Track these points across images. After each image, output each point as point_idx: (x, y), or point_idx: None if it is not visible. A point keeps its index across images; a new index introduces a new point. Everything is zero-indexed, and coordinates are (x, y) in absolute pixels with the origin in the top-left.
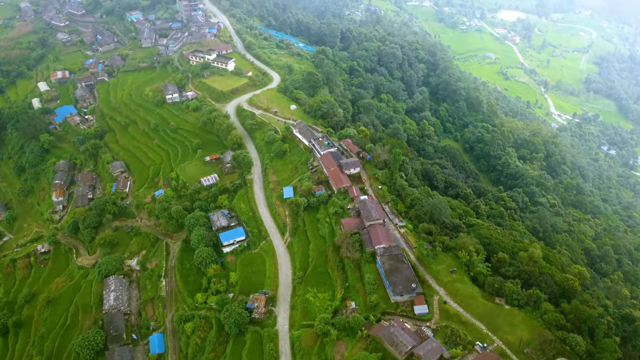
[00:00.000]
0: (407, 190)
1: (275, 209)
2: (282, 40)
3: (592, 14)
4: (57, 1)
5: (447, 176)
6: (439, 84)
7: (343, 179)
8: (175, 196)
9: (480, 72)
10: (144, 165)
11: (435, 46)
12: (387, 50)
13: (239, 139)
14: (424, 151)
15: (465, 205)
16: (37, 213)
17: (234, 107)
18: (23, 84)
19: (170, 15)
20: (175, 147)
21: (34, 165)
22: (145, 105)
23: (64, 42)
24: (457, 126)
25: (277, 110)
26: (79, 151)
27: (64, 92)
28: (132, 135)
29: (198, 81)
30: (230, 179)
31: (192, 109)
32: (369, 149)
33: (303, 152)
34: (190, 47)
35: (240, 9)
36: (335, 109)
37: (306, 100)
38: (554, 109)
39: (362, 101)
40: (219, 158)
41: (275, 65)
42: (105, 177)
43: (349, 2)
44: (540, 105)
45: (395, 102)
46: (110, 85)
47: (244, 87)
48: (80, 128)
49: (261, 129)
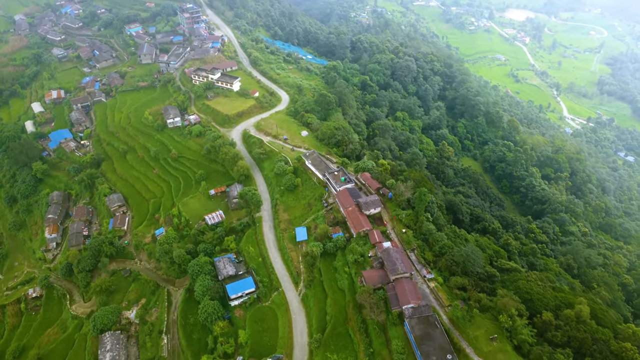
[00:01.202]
0: (435, 236)
1: (288, 254)
2: (290, 54)
3: (602, 13)
4: (54, 13)
5: (472, 207)
6: (456, 98)
7: (363, 221)
8: (177, 236)
9: (490, 74)
10: (144, 199)
11: (451, 57)
12: (401, 63)
13: (246, 170)
14: (444, 174)
15: (494, 242)
16: (29, 250)
17: (240, 133)
18: (16, 104)
19: (171, 28)
20: (177, 177)
21: (26, 196)
22: (145, 130)
23: (59, 58)
24: (476, 143)
25: (287, 137)
26: (74, 181)
27: (59, 114)
28: (131, 164)
29: (201, 103)
30: (237, 215)
31: (195, 135)
32: (390, 185)
33: (317, 187)
34: (193, 64)
35: (245, 19)
36: (350, 136)
37: (318, 126)
38: (567, 113)
39: (377, 122)
40: (225, 191)
41: (283, 84)
42: (102, 210)
43: (354, 4)
44: (553, 109)
45: (411, 120)
46: (107, 106)
47: (251, 109)
48: (75, 155)
49: (270, 158)
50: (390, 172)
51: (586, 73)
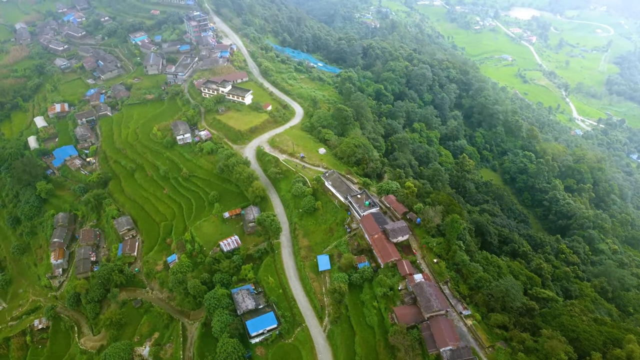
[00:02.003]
0: (469, 267)
1: (310, 284)
2: (301, 63)
3: (608, 10)
4: (56, 21)
5: (499, 228)
6: (473, 106)
7: (391, 250)
8: (191, 264)
9: (497, 75)
10: (154, 221)
11: (466, 63)
12: (416, 71)
13: (262, 191)
14: (465, 189)
15: (526, 267)
16: (34, 276)
17: (253, 150)
18: (18, 117)
19: (177, 36)
20: (188, 198)
21: (30, 217)
22: (153, 147)
23: (62, 69)
24: (495, 154)
25: (304, 155)
26: (80, 201)
27: (63, 129)
28: (139, 183)
29: (212, 118)
30: (253, 240)
31: (206, 152)
32: (418, 210)
33: (338, 210)
34: (202, 75)
35: (254, 26)
36: (370, 153)
37: (337, 143)
38: (577, 114)
39: (395, 136)
40: (240, 214)
41: (296, 95)
42: (109, 233)
43: (358, 4)
44: (562, 111)
45: (428, 131)
46: (113, 121)
47: (264, 124)
48: (81, 173)
49: (287, 178)
50: (417, 194)
51: (594, 73)
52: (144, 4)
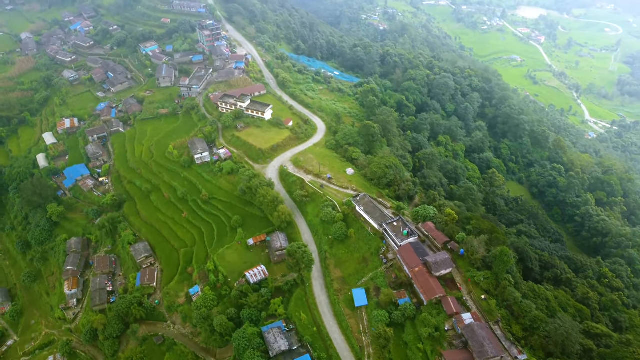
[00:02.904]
0: (522, 305)
1: (346, 322)
2: (319, 73)
3: (615, 9)
4: (62, 31)
5: (539, 252)
6: (497, 116)
7: (434, 285)
8: (215, 297)
9: (506, 76)
10: (173, 248)
11: (488, 70)
12: (438, 80)
13: (288, 216)
14: (495, 206)
15: (571, 295)
16: (47, 306)
17: (276, 170)
18: (26, 133)
19: (189, 46)
20: (209, 223)
21: (41, 242)
22: (170, 167)
23: (71, 81)
24: (521, 165)
25: (331, 176)
26: (94, 225)
27: (73, 146)
28: (156, 206)
29: (231, 135)
30: (281, 270)
31: (226, 172)
32: (460, 240)
33: (371, 238)
34: (217, 88)
35: (268, 34)
36: (402, 174)
37: (365, 163)
38: (589, 116)
39: (423, 152)
40: (265, 241)
41: (317, 109)
42: (126, 260)
43: (364, 5)
44: (575, 112)
45: (453, 144)
46: (126, 137)
47: (286, 141)
48: (94, 195)
49: (314, 201)
50: (459, 221)
51: (605, 73)
52: (154, 12)
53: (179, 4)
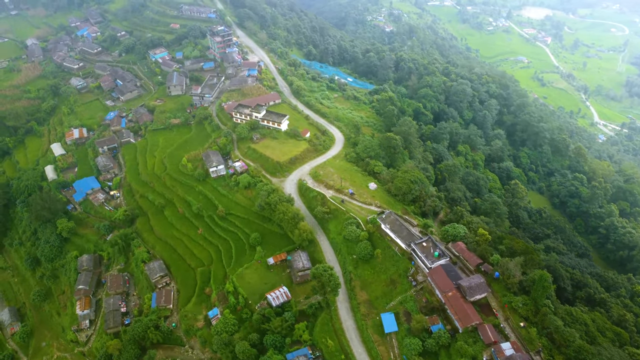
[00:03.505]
0: (564, 334)
1: (375, 349)
2: (333, 80)
3: (621, 9)
4: (69, 37)
5: (570, 270)
6: (516, 123)
7: (469, 312)
8: (236, 321)
9: None
10: (189, 267)
11: (505, 76)
12: (455, 87)
13: (310, 233)
14: (518, 218)
15: (607, 317)
16: (58, 327)
17: (295, 184)
18: (33, 143)
19: (200, 52)
20: (226, 240)
21: (50, 259)
22: (184, 180)
23: (78, 89)
24: (541, 175)
25: (353, 192)
26: (105, 241)
27: (82, 157)
28: (170, 222)
29: (246, 147)
30: (303, 291)
31: (243, 187)
32: (495, 262)
33: (398, 258)
34: (230, 96)
35: (279, 39)
36: (427, 189)
37: (388, 177)
38: (598, 118)
39: (445, 164)
40: (286, 260)
41: (333, 118)
42: (140, 279)
43: (369, 6)
44: (584, 115)
45: (473, 153)
46: (137, 148)
47: (304, 154)
48: (105, 209)
49: (336, 218)
50: (491, 241)
51: (613, 74)
52: (163, 18)
53: (188, 9)
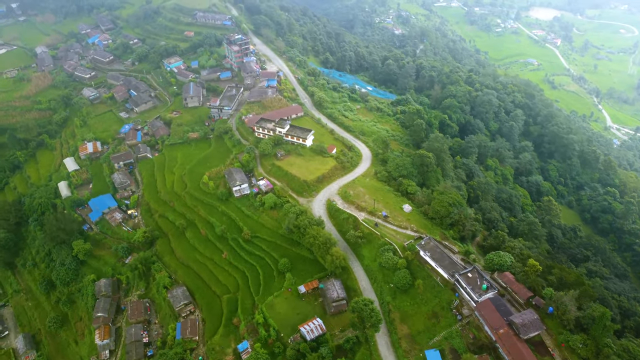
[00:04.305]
0: None
1: None
2: (354, 90)
3: (630, 9)
4: (79, 44)
5: (617, 297)
6: (543, 135)
7: (525, 352)
8: (268, 356)
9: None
10: (214, 294)
11: (529, 85)
12: (481, 97)
13: (343, 260)
14: (552, 237)
15: None
16: (75, 357)
17: (323, 204)
18: (45, 157)
19: (216, 61)
20: (252, 265)
21: (66, 282)
22: (206, 200)
23: (91, 100)
24: (570, 188)
25: (387, 214)
26: (124, 264)
27: (97, 173)
28: (192, 244)
29: (270, 164)
30: (338, 323)
31: (268, 207)
32: (547, 296)
33: (440, 289)
34: (250, 108)
35: (297, 47)
36: (465, 212)
37: (424, 199)
38: (611, 122)
39: (477, 181)
40: (318, 288)
41: (358, 132)
42: (162, 306)
43: (376, 7)
44: (596, 119)
45: (502, 168)
46: (155, 164)
47: (331, 172)
48: (122, 230)
49: (370, 243)
50: (542, 272)
51: (624, 76)
52: (176, 25)
53: (202, 16)
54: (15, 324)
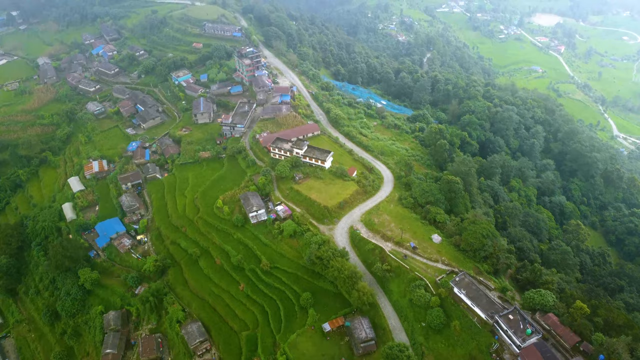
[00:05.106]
0: None
1: None
2: (370, 105)
3: (632, 15)
4: (83, 55)
5: None
6: (565, 152)
7: None
8: None
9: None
10: (231, 330)
11: (548, 99)
12: (501, 114)
13: (370, 296)
14: (581, 263)
15: None
16: None
17: (345, 232)
18: (48, 175)
19: (226, 75)
20: (272, 300)
21: (72, 314)
22: (220, 226)
23: (96, 115)
24: (593, 208)
25: (415, 245)
26: (133, 294)
27: (104, 194)
28: (207, 275)
29: (288, 187)
30: None
31: (287, 235)
32: (597, 342)
33: (479, 331)
34: (264, 126)
35: (308, 59)
36: (499, 243)
37: (454, 228)
38: (617, 131)
39: (504, 205)
40: (344, 325)
41: (378, 152)
42: (175, 342)
43: (379, 13)
44: (603, 127)
45: (526, 188)
46: (164, 185)
47: (353, 196)
48: (132, 257)
49: (398, 277)
50: (589, 315)
51: (629, 84)
52: (184, 36)
53: (211, 27)
54: (18, 357)
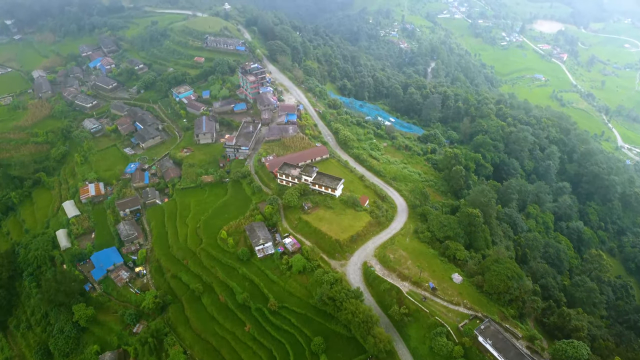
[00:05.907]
0: None
1: None
2: (379, 125)
3: (633, 22)
4: (80, 68)
5: None
6: (581, 174)
7: None
8: None
9: (531, 97)
10: None
11: (562, 117)
12: (516, 134)
13: (388, 343)
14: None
15: None
16: None
17: (359, 269)
18: (41, 198)
19: (229, 91)
20: (281, 343)
21: (66, 353)
22: (224, 260)
23: (93, 133)
24: (611, 233)
25: (434, 286)
26: (131, 332)
27: (100, 220)
28: (210, 313)
29: (296, 217)
30: None
31: (296, 271)
32: None
33: None
34: (269, 148)
35: (315, 75)
36: (525, 285)
37: (476, 267)
38: (622, 141)
39: (524, 237)
40: None
41: (390, 178)
42: None
43: (380, 20)
44: (607, 138)
45: (543, 215)
46: (165, 213)
47: (366, 228)
48: (130, 292)
49: (417, 321)
50: None
51: (632, 93)
52: (185, 49)
53: (214, 41)
54: None
